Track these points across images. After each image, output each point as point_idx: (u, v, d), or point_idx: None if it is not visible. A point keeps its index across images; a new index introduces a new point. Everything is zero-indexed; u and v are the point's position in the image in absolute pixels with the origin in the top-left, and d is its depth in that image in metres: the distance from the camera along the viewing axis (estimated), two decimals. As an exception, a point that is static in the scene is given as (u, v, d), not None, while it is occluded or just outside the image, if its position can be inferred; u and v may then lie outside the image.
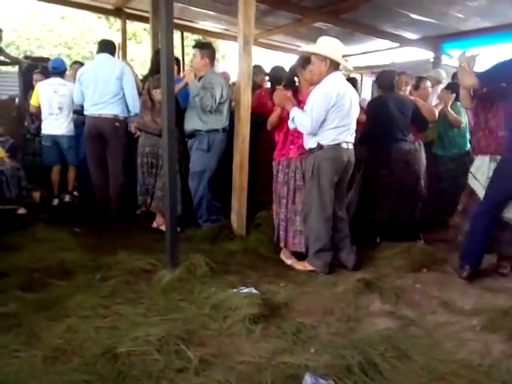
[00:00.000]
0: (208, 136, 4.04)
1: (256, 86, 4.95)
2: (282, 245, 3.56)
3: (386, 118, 3.90)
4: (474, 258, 3.22)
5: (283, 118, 3.45)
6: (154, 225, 4.27)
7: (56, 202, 5.12)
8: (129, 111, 4.46)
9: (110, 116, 4.33)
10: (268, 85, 5.11)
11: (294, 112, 3.26)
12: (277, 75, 4.55)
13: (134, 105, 4.37)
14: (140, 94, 4.64)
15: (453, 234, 3.97)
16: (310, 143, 3.30)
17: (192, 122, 4.05)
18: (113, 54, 4.49)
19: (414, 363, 2.10)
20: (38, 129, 5.22)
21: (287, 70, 3.81)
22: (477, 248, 3.20)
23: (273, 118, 3.52)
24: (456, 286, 3.13)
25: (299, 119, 3.23)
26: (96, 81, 4.32)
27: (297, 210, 3.47)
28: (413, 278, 3.24)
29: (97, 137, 4.41)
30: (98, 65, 4.42)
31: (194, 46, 4.24)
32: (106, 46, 4.51)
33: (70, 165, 5.13)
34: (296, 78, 3.58)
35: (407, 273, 3.32)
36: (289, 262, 3.53)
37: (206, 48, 4.09)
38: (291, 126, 3.33)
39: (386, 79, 4.15)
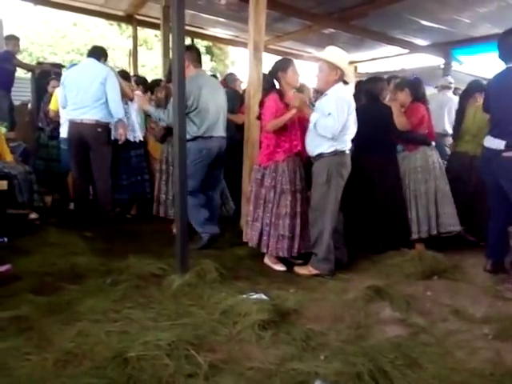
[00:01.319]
0: None
1: (234, 93, 5.10)
2: (264, 250, 3.52)
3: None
4: (493, 250, 3.49)
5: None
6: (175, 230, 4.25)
7: (72, 205, 5.16)
8: (112, 117, 4.35)
9: (91, 121, 4.22)
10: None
11: (317, 116, 3.27)
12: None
13: (117, 110, 4.29)
14: (131, 100, 4.66)
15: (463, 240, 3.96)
16: (321, 148, 3.30)
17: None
18: (99, 59, 4.39)
19: (425, 371, 2.09)
20: (53, 131, 5.27)
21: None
22: (493, 241, 3.49)
23: (281, 121, 3.37)
24: (467, 293, 3.10)
25: (325, 122, 3.21)
26: (79, 85, 4.24)
27: (280, 214, 3.42)
28: (423, 285, 3.21)
29: (79, 142, 4.31)
30: (82, 69, 4.37)
31: None
32: (94, 52, 4.46)
33: None
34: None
35: (418, 280, 3.30)
36: (278, 267, 3.52)
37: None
38: (313, 129, 3.33)
39: (367, 87, 4.10)
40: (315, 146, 3.35)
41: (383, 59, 8.85)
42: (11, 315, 2.44)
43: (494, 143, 3.18)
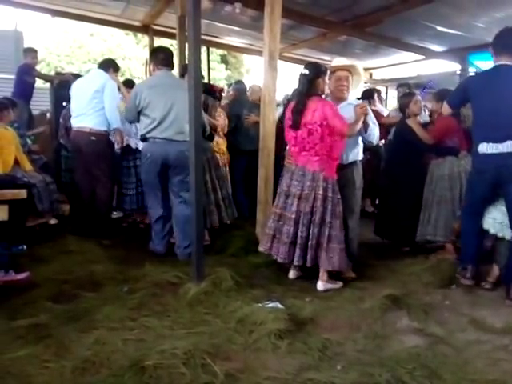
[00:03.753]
0: None
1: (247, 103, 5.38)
2: (327, 269, 3.22)
3: None
4: (473, 256, 3.24)
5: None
6: None
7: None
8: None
9: (85, 129, 4.22)
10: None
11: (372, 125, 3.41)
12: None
13: (112, 119, 4.25)
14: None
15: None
16: (357, 156, 3.48)
17: None
18: (107, 70, 4.38)
19: (444, 383, 2.05)
20: None
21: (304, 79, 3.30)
22: (473, 246, 3.25)
23: (356, 129, 3.23)
24: (486, 303, 3.04)
25: (376, 131, 3.44)
26: (77, 93, 4.31)
27: (342, 225, 3.26)
28: (442, 294, 3.17)
29: (76, 148, 4.34)
30: (84, 79, 4.47)
31: None
32: (102, 63, 4.54)
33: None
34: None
35: (436, 289, 3.25)
36: (339, 284, 3.32)
37: (151, 54, 3.91)
38: (370, 138, 3.46)
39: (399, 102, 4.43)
40: (354, 154, 3.46)
41: (399, 65, 8.80)
42: (30, 323, 2.48)
43: (508, 146, 2.92)
